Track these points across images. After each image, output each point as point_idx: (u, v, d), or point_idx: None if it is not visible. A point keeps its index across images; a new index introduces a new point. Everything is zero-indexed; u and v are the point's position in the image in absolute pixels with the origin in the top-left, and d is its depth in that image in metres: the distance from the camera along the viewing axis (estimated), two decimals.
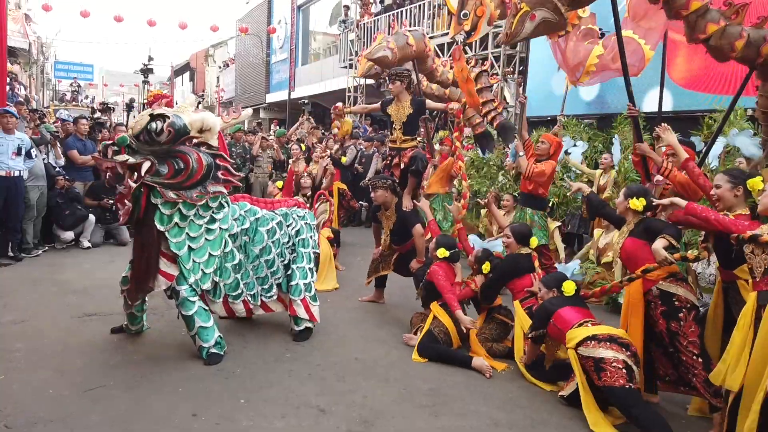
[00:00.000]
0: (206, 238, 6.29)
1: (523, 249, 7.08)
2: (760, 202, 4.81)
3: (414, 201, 8.60)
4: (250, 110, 7.08)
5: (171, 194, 5.92)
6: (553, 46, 10.81)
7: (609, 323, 5.89)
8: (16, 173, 10.62)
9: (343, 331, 7.58)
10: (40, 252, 11.39)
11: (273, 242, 7.01)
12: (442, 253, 7.20)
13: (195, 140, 6.08)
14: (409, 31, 11.03)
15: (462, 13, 9.11)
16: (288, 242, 7.22)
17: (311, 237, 7.46)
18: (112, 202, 12.13)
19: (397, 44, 10.48)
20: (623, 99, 7.68)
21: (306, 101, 25.77)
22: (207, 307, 6.45)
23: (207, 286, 6.37)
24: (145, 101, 6.46)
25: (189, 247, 6.16)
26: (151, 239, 6.05)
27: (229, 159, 6.37)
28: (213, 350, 6.35)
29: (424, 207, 8.19)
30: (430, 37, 12.32)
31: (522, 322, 6.63)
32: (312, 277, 7.37)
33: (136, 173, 5.81)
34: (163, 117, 5.77)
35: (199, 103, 6.80)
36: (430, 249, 7.54)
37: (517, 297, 6.87)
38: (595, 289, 6.36)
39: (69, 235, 12.02)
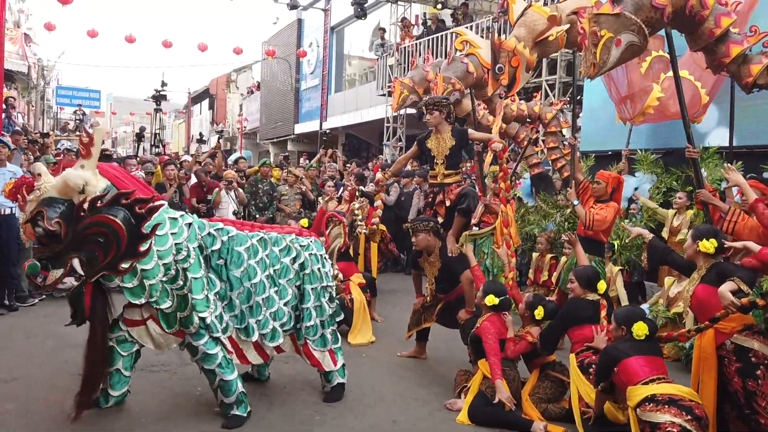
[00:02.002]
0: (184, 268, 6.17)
1: (589, 294, 7.07)
2: None
3: (455, 248, 8.50)
4: (100, 126, 6.69)
5: (123, 265, 5.76)
6: (606, 78, 10.86)
7: (681, 381, 5.86)
8: (8, 210, 10.58)
9: (379, 390, 7.58)
10: (36, 300, 11.33)
11: (257, 263, 6.66)
12: (491, 300, 7.21)
13: (86, 204, 5.64)
14: (467, 57, 11.10)
15: (497, 68, 9.18)
16: (284, 272, 6.89)
17: (319, 269, 7.16)
18: None
19: (458, 77, 10.58)
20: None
21: (327, 131, 25.76)
22: (229, 357, 6.40)
23: (206, 314, 6.17)
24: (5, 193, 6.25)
25: (173, 291, 6.08)
26: (94, 336, 6.10)
27: (128, 188, 5.94)
28: (235, 412, 6.36)
29: (468, 252, 8.22)
30: None
31: (575, 378, 6.61)
32: (319, 316, 7.12)
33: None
34: (40, 215, 5.55)
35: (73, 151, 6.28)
36: (477, 298, 7.54)
37: (573, 349, 6.86)
38: (661, 334, 6.33)
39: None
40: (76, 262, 5.64)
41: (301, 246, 7.11)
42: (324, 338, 7.14)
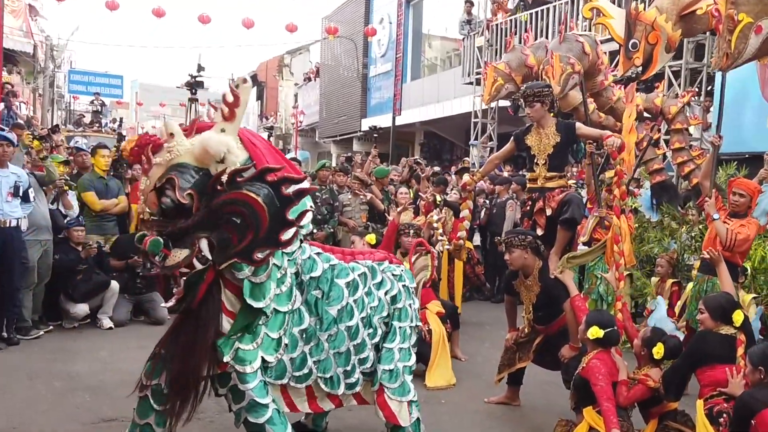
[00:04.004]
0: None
1: (722, 328, 6.96)
2: None
3: (554, 273, 8.33)
4: (249, 80, 6.14)
5: (258, 255, 5.57)
6: (762, 70, 10.70)
7: None
8: (13, 222, 10.51)
9: None
10: (42, 333, 11.30)
11: (355, 302, 6.56)
12: (595, 333, 7.10)
13: (224, 177, 5.53)
14: (581, 36, 11.00)
15: (630, 44, 9.05)
16: (379, 309, 6.79)
17: (410, 305, 7.08)
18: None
19: (577, 58, 10.50)
20: None
21: (377, 128, 25.39)
22: (282, 410, 6.10)
23: (272, 357, 6.00)
24: (123, 157, 6.04)
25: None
26: (204, 334, 5.74)
27: (277, 165, 5.73)
28: None
29: (566, 279, 8.12)
30: None
31: (701, 431, 6.47)
32: (401, 360, 6.92)
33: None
34: (170, 183, 5.46)
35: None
36: (580, 331, 7.51)
37: (702, 394, 6.77)
38: None
39: (82, 308, 11.88)
40: (204, 244, 5.54)
41: (393, 275, 7.08)
42: (404, 386, 6.92)
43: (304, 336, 6.20)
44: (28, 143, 14.07)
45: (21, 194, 10.57)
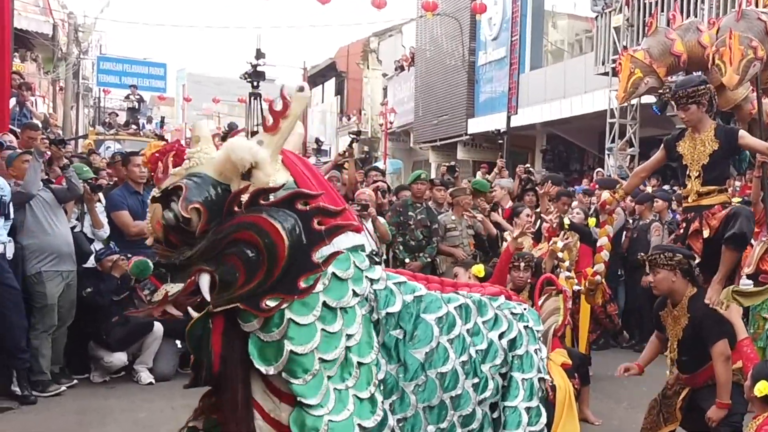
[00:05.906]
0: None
1: None
2: None
3: (714, 306, 8.04)
4: (306, 88, 5.97)
5: (266, 303, 5.30)
6: None
7: None
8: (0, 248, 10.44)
9: None
10: (64, 388, 11.19)
11: (451, 342, 6.13)
12: (763, 389, 6.84)
13: (245, 195, 5.34)
14: (764, 14, 10.93)
15: None
16: (491, 355, 6.36)
17: (537, 351, 6.68)
18: None
19: (760, 39, 10.40)
20: None
21: (500, 132, 25.06)
22: None
23: (371, 421, 5.55)
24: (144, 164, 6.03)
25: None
26: (246, 400, 5.43)
27: (313, 192, 5.61)
28: None
29: (732, 316, 7.82)
30: None
31: None
32: (531, 423, 6.50)
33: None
34: (175, 193, 5.28)
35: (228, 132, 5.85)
36: (745, 387, 7.25)
37: None
38: None
39: (119, 358, 11.67)
40: (204, 280, 5.26)
41: (513, 314, 6.67)
42: None
43: (382, 389, 5.76)
44: (45, 149, 12.83)
45: (5, 212, 10.40)
